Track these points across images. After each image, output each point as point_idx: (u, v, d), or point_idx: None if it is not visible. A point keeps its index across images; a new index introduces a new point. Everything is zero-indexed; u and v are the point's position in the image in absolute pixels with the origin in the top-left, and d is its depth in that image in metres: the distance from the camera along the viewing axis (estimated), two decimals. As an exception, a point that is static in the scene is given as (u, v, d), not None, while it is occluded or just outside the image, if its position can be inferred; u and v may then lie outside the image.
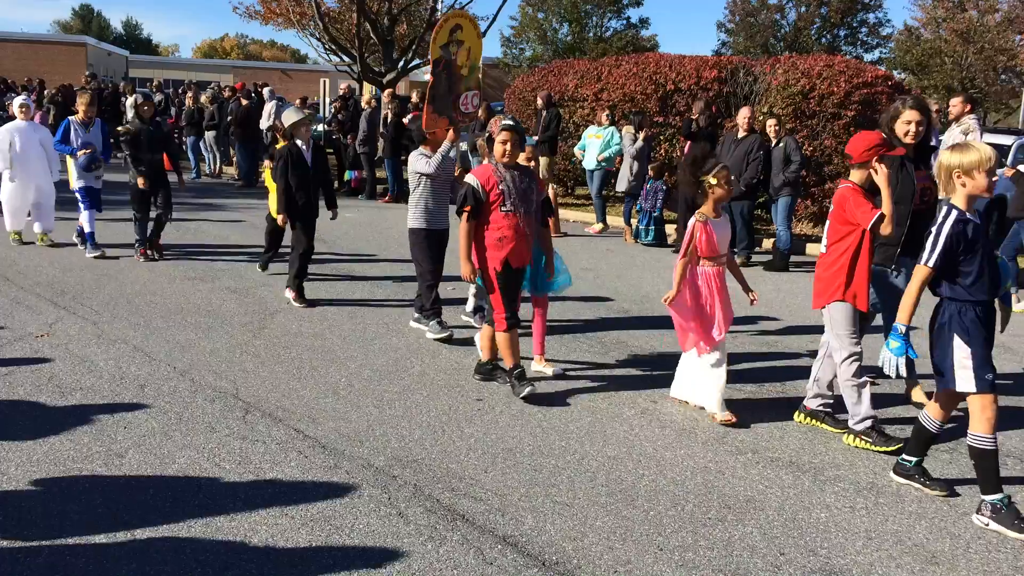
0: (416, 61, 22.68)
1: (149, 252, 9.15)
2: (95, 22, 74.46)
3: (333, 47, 21.82)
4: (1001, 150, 9.64)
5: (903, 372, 4.04)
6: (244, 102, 16.87)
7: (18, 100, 10.03)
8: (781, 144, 10.10)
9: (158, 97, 22.03)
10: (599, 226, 12.62)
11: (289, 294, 7.52)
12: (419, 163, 6.52)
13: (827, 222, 4.92)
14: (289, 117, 7.53)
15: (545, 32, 35.10)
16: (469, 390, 5.47)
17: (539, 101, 13.95)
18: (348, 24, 22.13)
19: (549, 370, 5.86)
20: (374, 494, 3.94)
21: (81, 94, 9.63)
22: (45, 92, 24.02)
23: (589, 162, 12.39)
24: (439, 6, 22.02)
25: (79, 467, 4.10)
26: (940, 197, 4.25)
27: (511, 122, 5.29)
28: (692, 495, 4.09)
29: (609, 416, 5.11)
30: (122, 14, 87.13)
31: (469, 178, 5.31)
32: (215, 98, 18.79)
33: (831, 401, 5.07)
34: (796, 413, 5.15)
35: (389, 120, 14.83)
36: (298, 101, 18.51)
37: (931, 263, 3.92)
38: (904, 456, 4.33)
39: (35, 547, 3.39)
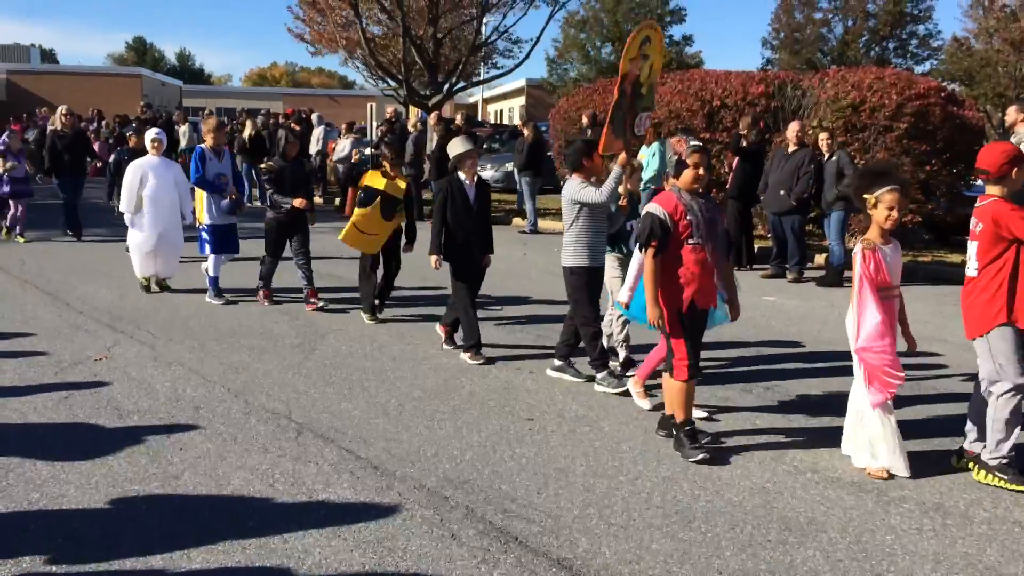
0: (460, 84, 22.87)
1: (270, 295, 8.37)
2: (149, 54, 76.60)
3: (379, 72, 22.10)
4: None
5: None
6: (296, 127, 17.17)
7: (150, 134, 8.84)
8: (834, 158, 9.94)
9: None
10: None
11: (465, 356, 6.54)
12: (585, 192, 5.65)
13: (973, 244, 4.43)
14: (455, 148, 6.70)
15: (588, 52, 35.19)
16: (519, 410, 5.43)
17: (584, 119, 13.95)
18: (393, 49, 22.42)
19: (646, 403, 5.45)
20: (426, 515, 3.91)
21: (206, 119, 8.81)
22: (104, 123, 24.76)
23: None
24: (484, 29, 22.23)
25: (136, 488, 4.15)
26: None
27: (699, 142, 4.82)
28: (751, 516, 3.99)
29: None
30: (176, 46, 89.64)
31: (653, 207, 4.68)
32: (265, 125, 19.15)
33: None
34: (955, 458, 4.62)
35: (435, 142, 14.95)
36: (344, 126, 18.75)
37: None
38: None
39: (92, 571, 3.42)
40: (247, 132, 17.98)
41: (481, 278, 6.77)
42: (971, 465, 4.49)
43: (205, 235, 8.44)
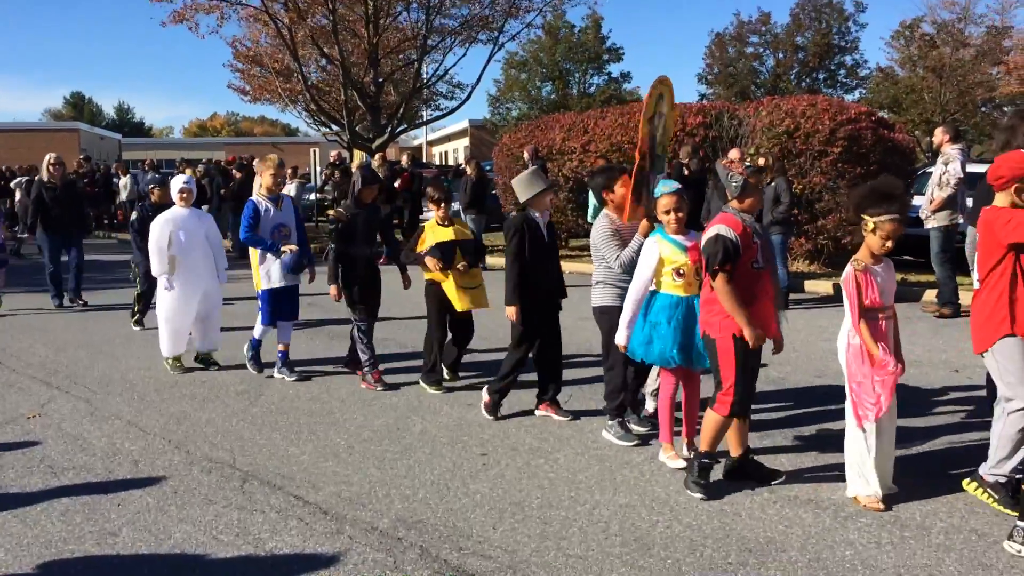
0: (403, 126, 22.91)
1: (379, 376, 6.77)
2: (87, 108, 75.55)
3: (321, 117, 22.06)
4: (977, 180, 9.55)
5: None
6: (237, 174, 16.99)
7: (177, 182, 7.42)
8: (772, 184, 10.11)
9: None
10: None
11: (484, 395, 5.92)
12: (608, 249, 5.25)
13: (974, 256, 4.33)
14: (523, 187, 5.72)
15: (529, 91, 35.63)
16: (472, 446, 5.33)
17: (525, 155, 14.06)
18: (335, 94, 22.41)
19: (675, 463, 4.86)
20: (379, 558, 3.77)
21: (265, 158, 7.27)
22: (36, 178, 24.12)
23: (592, 215, 12.39)
24: (425, 71, 22.36)
25: (71, 548, 3.94)
26: None
27: (753, 164, 4.53)
28: (710, 539, 3.93)
29: (618, 463, 4.96)
30: (114, 100, 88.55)
31: (721, 229, 4.33)
32: (207, 172, 18.90)
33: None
34: (967, 481, 4.40)
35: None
36: (289, 171, 18.61)
37: None
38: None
39: (24, 635, 3.22)
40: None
41: (553, 326, 5.89)
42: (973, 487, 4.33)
43: (260, 302, 7.09)
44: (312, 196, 21.22)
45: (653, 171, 5.55)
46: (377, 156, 16.12)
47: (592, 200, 12.23)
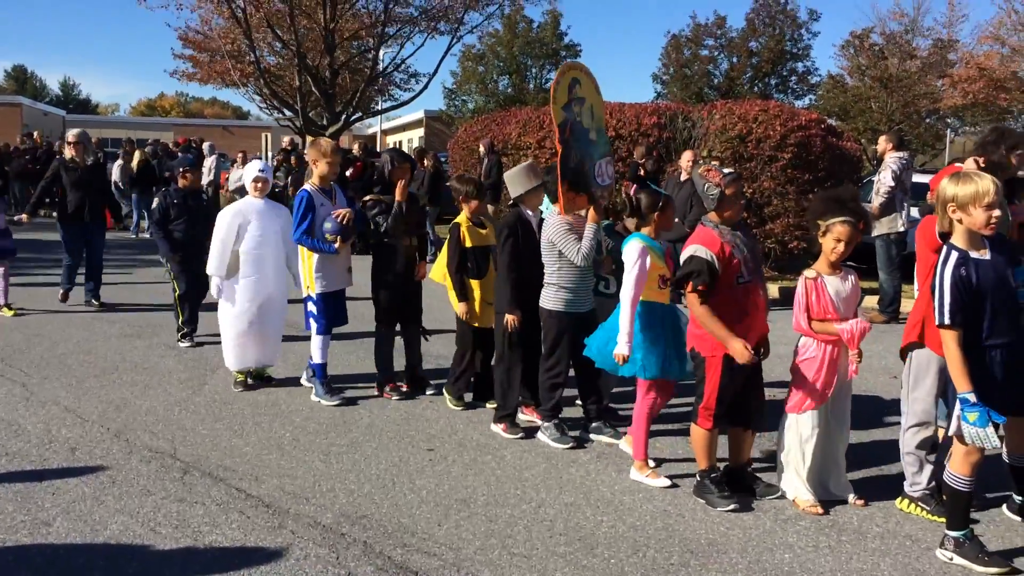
0: (358, 114, 22.68)
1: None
2: (29, 83, 73.27)
3: (274, 102, 21.71)
4: (925, 189, 9.80)
5: (995, 441, 3.54)
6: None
7: (253, 168, 6.42)
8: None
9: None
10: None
11: (498, 427, 5.49)
12: (566, 244, 5.11)
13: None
14: (516, 182, 5.51)
15: (486, 84, 35.52)
16: (420, 440, 5.30)
17: (481, 148, 14.04)
18: (289, 79, 22.07)
19: (657, 481, 4.65)
20: (321, 554, 3.73)
21: (315, 143, 6.26)
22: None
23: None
24: (380, 59, 22.15)
25: (2, 538, 3.82)
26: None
27: (732, 170, 4.43)
28: (653, 540, 3.97)
29: (565, 461, 4.98)
30: (60, 75, 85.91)
31: (697, 249, 4.24)
32: (155, 154, 18.49)
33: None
34: (899, 500, 4.43)
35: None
36: (239, 155, 18.29)
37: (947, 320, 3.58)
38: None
39: (-51, 629, 3.11)
40: (135, 160, 17.33)
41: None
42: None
43: (312, 307, 6.13)
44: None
45: (591, 156, 5.32)
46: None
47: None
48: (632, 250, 4.63)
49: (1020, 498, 4.27)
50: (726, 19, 34.71)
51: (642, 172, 10.95)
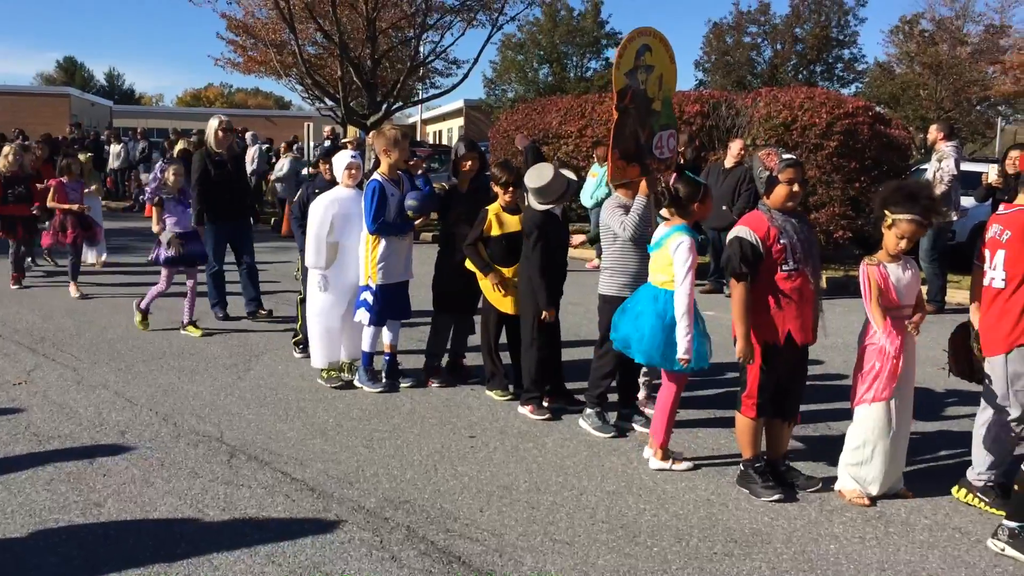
0: (399, 103, 22.75)
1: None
2: (78, 74, 74.71)
3: (316, 92, 21.86)
4: (975, 179, 9.58)
5: None
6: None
7: (345, 156, 6.28)
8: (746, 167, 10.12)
9: (142, 144, 21.99)
10: (596, 261, 12.55)
11: (525, 408, 5.58)
12: (613, 220, 5.15)
13: (998, 253, 4.14)
14: (541, 195, 5.50)
15: (526, 73, 35.45)
16: (461, 427, 5.32)
17: (518, 143, 14.04)
18: (330, 69, 22.21)
19: (684, 464, 4.69)
20: (365, 538, 3.77)
21: (381, 132, 6.14)
22: (28, 142, 23.76)
23: (586, 200, 12.30)
24: (422, 49, 22.18)
25: (56, 518, 3.92)
26: None
27: (791, 155, 4.36)
28: (696, 529, 3.94)
29: (607, 449, 4.97)
30: (105, 66, 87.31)
31: (741, 230, 4.23)
32: (199, 143, 18.74)
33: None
34: (956, 488, 4.37)
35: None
36: (284, 145, 18.47)
37: None
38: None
39: (7, 603, 3.20)
40: (178, 148, 17.59)
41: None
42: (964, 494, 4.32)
43: (369, 297, 5.95)
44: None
45: (650, 126, 5.22)
46: (371, 134, 16.00)
47: (591, 182, 12.18)
48: (684, 247, 4.50)
49: None
50: (770, 5, 34.21)
51: (682, 160, 10.86)
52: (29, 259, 10.47)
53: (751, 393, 4.31)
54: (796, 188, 4.24)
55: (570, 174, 5.73)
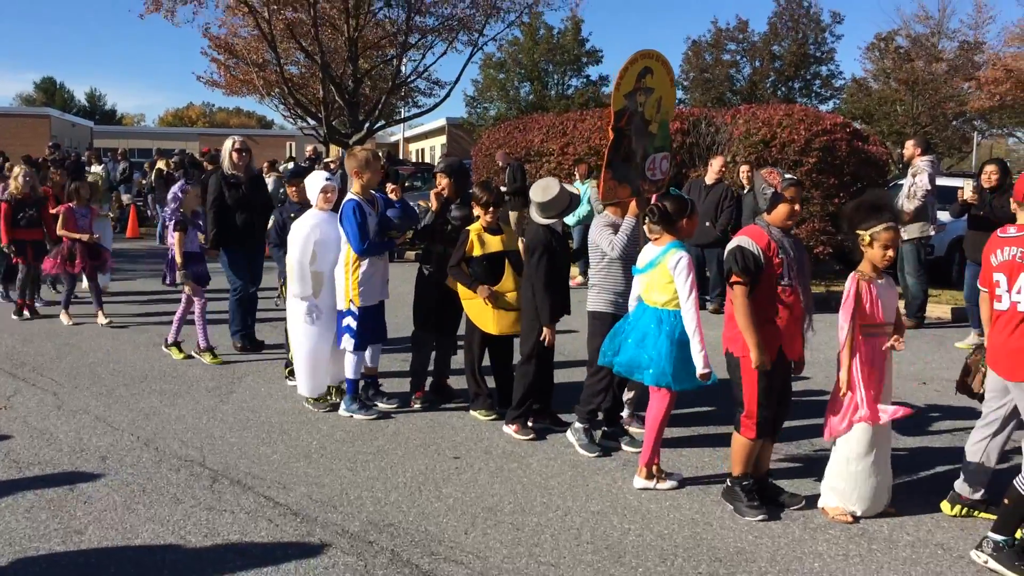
0: (381, 122, 22.80)
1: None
2: (58, 95, 74.35)
3: (298, 111, 21.88)
4: (951, 194, 9.68)
5: None
6: (209, 166, 16.82)
7: (319, 178, 6.10)
8: (754, 191, 10.20)
9: (122, 165, 21.89)
10: (580, 278, 12.59)
11: (510, 428, 5.58)
12: (602, 239, 5.19)
13: (1021, 276, 3.99)
14: (544, 210, 5.50)
15: (508, 91, 35.60)
16: (445, 448, 5.31)
17: (498, 160, 14.14)
18: (312, 88, 22.24)
19: (665, 484, 4.69)
20: (349, 562, 3.75)
21: (352, 153, 6.05)
22: (7, 165, 23.62)
23: (568, 217, 12.30)
24: (404, 69, 22.26)
25: (36, 546, 3.87)
26: None
27: (793, 176, 4.41)
28: (680, 549, 3.95)
29: (591, 469, 4.97)
30: (85, 86, 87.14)
31: (743, 240, 4.27)
32: (181, 163, 18.69)
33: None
34: (945, 503, 4.39)
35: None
36: (266, 164, 18.41)
37: None
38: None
39: (-14, 635, 3.16)
40: (158, 166, 17.60)
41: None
42: (963, 511, 4.33)
43: (351, 321, 5.85)
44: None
45: (644, 149, 5.27)
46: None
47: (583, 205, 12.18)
48: (684, 262, 4.50)
49: None
50: (748, 23, 34.55)
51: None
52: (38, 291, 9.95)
53: (751, 413, 4.29)
54: (797, 207, 4.30)
55: (573, 189, 5.80)
